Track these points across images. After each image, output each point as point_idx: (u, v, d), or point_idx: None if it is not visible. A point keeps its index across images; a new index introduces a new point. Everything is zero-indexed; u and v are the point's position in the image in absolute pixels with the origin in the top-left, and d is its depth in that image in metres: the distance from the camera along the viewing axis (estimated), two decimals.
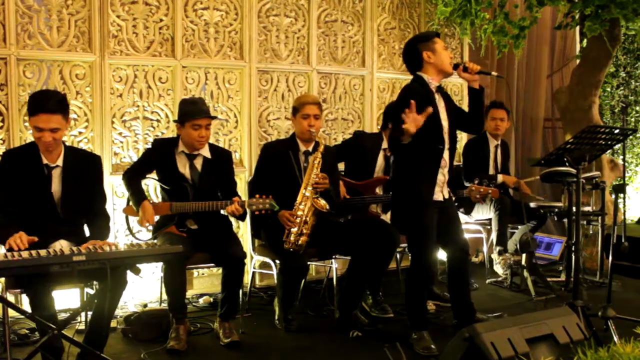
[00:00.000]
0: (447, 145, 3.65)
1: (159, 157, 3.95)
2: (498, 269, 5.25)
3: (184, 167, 3.93)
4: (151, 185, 4.50)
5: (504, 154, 5.56)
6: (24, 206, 3.27)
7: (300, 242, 3.91)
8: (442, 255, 4.27)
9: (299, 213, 3.93)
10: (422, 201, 3.61)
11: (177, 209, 3.81)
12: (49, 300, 3.07)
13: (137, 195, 3.84)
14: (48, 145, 3.25)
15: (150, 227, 3.95)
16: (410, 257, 3.79)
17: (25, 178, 3.28)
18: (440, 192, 3.67)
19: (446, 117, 3.65)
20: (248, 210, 3.87)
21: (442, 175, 3.65)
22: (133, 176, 3.93)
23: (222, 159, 4.05)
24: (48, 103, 3.18)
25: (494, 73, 3.78)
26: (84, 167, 3.45)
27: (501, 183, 5.37)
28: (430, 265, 3.75)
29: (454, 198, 3.95)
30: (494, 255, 5.26)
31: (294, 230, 3.90)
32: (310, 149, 4.20)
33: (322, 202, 3.95)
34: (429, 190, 3.60)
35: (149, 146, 4.21)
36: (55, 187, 3.34)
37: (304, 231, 3.92)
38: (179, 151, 3.94)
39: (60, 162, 3.36)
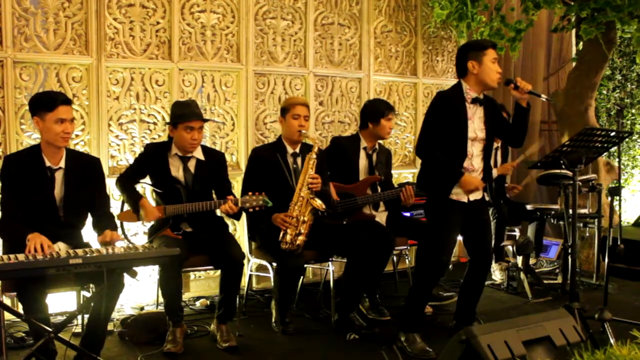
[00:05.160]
0: (475, 153, 3.65)
1: (151, 161, 3.95)
2: (496, 275, 5.26)
3: (177, 170, 3.93)
4: (144, 189, 4.49)
5: (503, 155, 5.58)
6: (26, 209, 3.28)
7: (298, 241, 3.91)
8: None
9: (295, 213, 3.93)
10: (442, 200, 3.64)
11: (171, 212, 3.80)
12: (43, 304, 3.07)
13: (134, 198, 3.86)
14: (69, 137, 3.33)
15: (147, 228, 3.95)
16: (420, 255, 3.80)
17: (29, 181, 3.30)
18: (465, 195, 3.66)
19: (483, 127, 3.65)
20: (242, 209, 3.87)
21: None
22: (127, 181, 3.94)
23: (215, 161, 4.05)
24: (61, 96, 3.34)
25: (543, 96, 3.78)
26: (86, 170, 3.46)
27: (497, 178, 5.36)
28: (442, 265, 3.72)
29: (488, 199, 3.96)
30: (492, 262, 5.28)
31: (290, 230, 3.90)
32: (297, 150, 4.21)
33: (319, 201, 3.95)
34: (447, 189, 3.63)
35: (142, 151, 4.21)
36: (58, 189, 3.36)
37: (302, 230, 3.92)
38: (172, 154, 3.94)
39: (62, 164, 3.38)
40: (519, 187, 5.66)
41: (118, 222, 4.03)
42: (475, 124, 3.63)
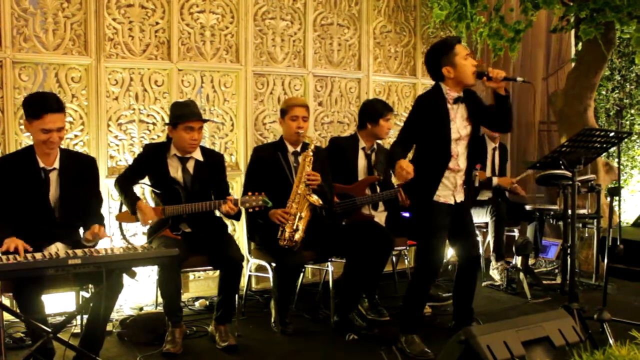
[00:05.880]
0: (460, 152, 3.62)
1: (150, 162, 3.95)
2: (495, 274, 5.26)
3: (175, 171, 3.93)
4: (143, 189, 4.49)
5: (501, 156, 5.58)
6: (20, 211, 3.26)
7: (295, 238, 3.91)
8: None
9: (292, 210, 3.94)
10: (427, 202, 3.62)
11: (170, 212, 3.80)
12: (40, 305, 3.06)
13: (131, 199, 3.86)
14: (54, 146, 3.26)
15: (146, 229, 3.96)
16: (414, 258, 3.79)
17: (23, 183, 3.27)
18: (452, 196, 3.66)
19: (466, 124, 3.62)
20: (242, 210, 3.87)
21: (454, 180, 3.63)
22: (125, 182, 3.94)
23: (214, 162, 4.05)
24: (52, 103, 3.21)
25: (519, 78, 3.70)
26: (80, 169, 3.45)
27: (496, 186, 5.39)
28: (436, 267, 3.73)
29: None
30: (492, 262, 5.28)
31: (288, 227, 3.91)
32: (298, 149, 4.23)
33: (315, 197, 3.97)
34: (430, 192, 3.60)
35: (140, 151, 4.20)
36: (53, 190, 3.33)
37: (300, 227, 3.93)
38: (171, 155, 3.94)
39: (56, 164, 3.35)
40: (521, 191, 5.64)
41: (117, 223, 4.04)
42: (458, 123, 3.59)
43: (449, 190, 3.64)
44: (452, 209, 3.67)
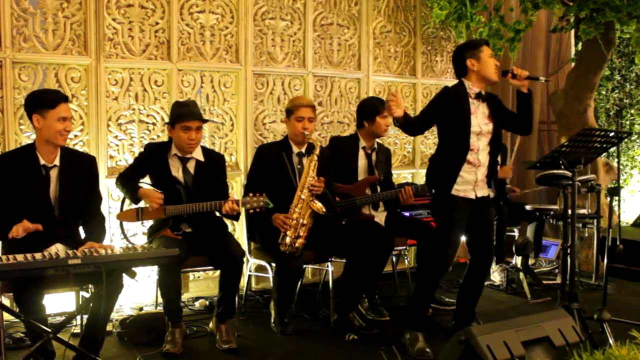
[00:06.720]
0: (481, 147, 3.68)
1: (151, 161, 3.94)
2: (495, 276, 5.26)
3: (177, 171, 3.92)
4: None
5: (502, 156, 5.58)
6: (20, 208, 3.26)
7: (297, 244, 3.90)
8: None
9: (295, 216, 3.93)
10: (445, 195, 3.66)
11: (171, 212, 3.80)
12: (40, 305, 3.06)
13: (132, 189, 3.84)
14: (68, 135, 3.35)
15: (147, 229, 3.96)
16: (423, 253, 3.83)
17: (23, 180, 3.28)
18: (472, 191, 3.69)
19: (487, 121, 3.69)
20: (242, 210, 3.86)
21: (474, 175, 3.68)
22: (126, 180, 3.93)
23: (214, 162, 4.05)
24: (62, 94, 3.33)
25: (542, 78, 3.84)
26: (81, 167, 3.45)
27: (501, 179, 5.36)
28: (447, 261, 3.73)
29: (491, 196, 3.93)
30: (492, 264, 5.27)
31: (290, 232, 3.90)
32: (303, 150, 4.21)
33: (319, 204, 3.94)
34: (448, 184, 3.65)
35: (141, 151, 4.20)
36: (53, 187, 3.34)
37: (301, 233, 3.92)
38: (172, 154, 3.93)
39: (57, 162, 3.36)
40: (517, 189, 5.66)
41: (117, 222, 4.04)
42: (479, 118, 3.67)
43: (469, 185, 3.68)
44: (472, 204, 3.70)
